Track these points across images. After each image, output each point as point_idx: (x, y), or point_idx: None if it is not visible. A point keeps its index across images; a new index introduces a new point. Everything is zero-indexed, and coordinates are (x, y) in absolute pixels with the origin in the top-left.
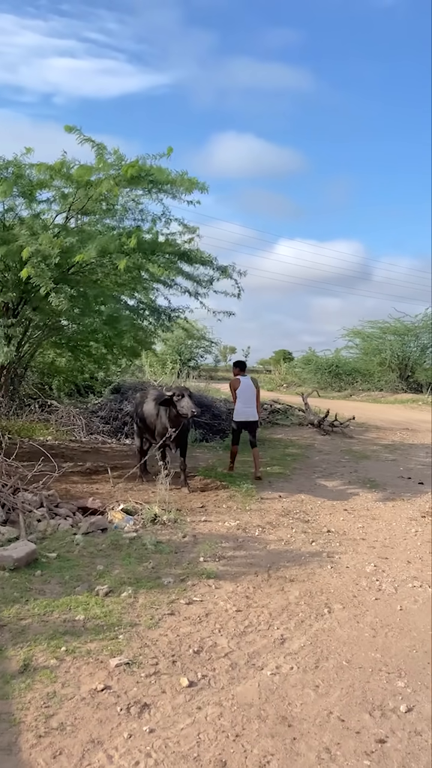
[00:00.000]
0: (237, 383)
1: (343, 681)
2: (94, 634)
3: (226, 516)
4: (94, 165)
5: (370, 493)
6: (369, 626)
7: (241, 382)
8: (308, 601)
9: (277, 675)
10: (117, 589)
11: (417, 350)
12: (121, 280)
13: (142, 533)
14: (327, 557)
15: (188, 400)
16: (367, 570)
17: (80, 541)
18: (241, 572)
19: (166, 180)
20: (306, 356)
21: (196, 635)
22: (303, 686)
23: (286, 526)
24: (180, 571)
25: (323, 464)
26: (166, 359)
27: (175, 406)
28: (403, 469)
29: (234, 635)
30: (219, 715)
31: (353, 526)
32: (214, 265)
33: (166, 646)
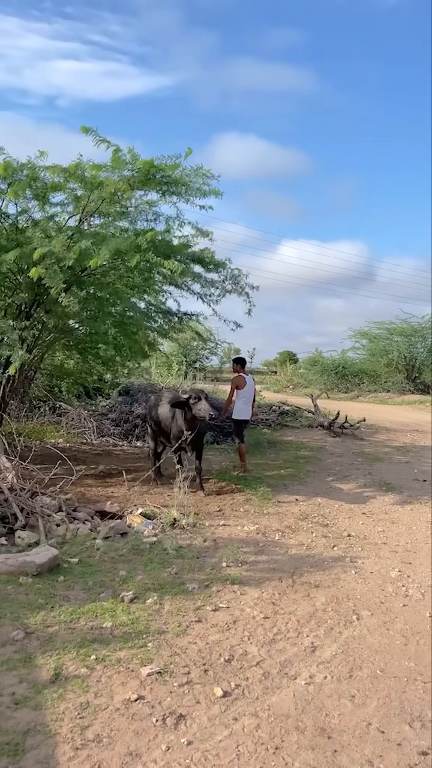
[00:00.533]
0: (242, 381)
1: (379, 691)
2: (122, 642)
3: (244, 520)
4: (108, 164)
5: (386, 496)
6: (399, 634)
7: (246, 381)
8: (335, 607)
9: (311, 684)
10: (142, 596)
11: (424, 351)
12: (134, 283)
13: (162, 538)
14: (350, 562)
15: (205, 402)
16: (392, 575)
17: (101, 545)
18: (264, 578)
19: (180, 180)
20: (312, 357)
21: (225, 643)
22: (339, 696)
23: (305, 530)
24: (203, 577)
25: (336, 466)
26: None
27: (191, 409)
28: (417, 471)
29: (264, 643)
30: (256, 726)
31: (373, 530)
32: (227, 270)
33: (196, 654)
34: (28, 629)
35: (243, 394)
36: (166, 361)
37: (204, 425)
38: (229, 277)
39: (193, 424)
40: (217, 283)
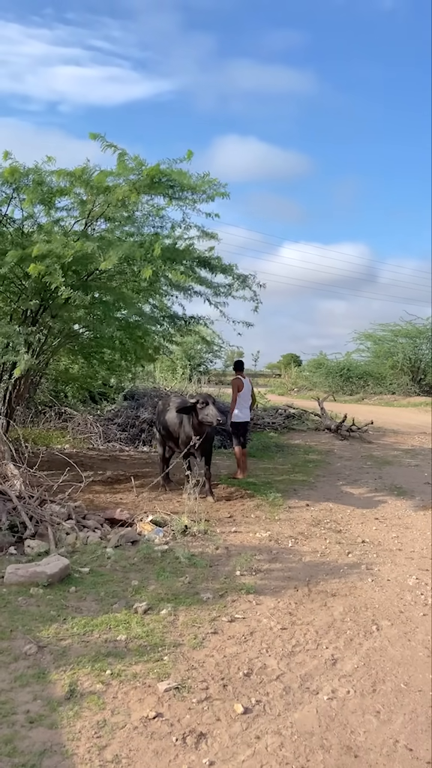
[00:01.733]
0: (241, 384)
1: (404, 706)
2: (138, 656)
3: (255, 526)
4: (114, 170)
5: (398, 501)
6: (421, 645)
7: (244, 384)
8: (354, 617)
9: (334, 700)
10: (156, 606)
11: (429, 353)
12: (140, 287)
13: (173, 546)
14: (366, 569)
15: (212, 407)
16: (410, 583)
17: (111, 554)
18: (280, 586)
19: (188, 185)
20: (316, 360)
21: (243, 656)
22: (363, 712)
23: (318, 537)
24: (218, 586)
25: (346, 471)
26: (176, 365)
27: (198, 414)
28: (427, 474)
29: (283, 656)
30: (280, 745)
31: (387, 536)
32: (234, 273)
33: (214, 668)
34: (40, 643)
35: (242, 398)
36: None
37: (212, 430)
38: (236, 278)
39: (201, 429)
40: (224, 286)
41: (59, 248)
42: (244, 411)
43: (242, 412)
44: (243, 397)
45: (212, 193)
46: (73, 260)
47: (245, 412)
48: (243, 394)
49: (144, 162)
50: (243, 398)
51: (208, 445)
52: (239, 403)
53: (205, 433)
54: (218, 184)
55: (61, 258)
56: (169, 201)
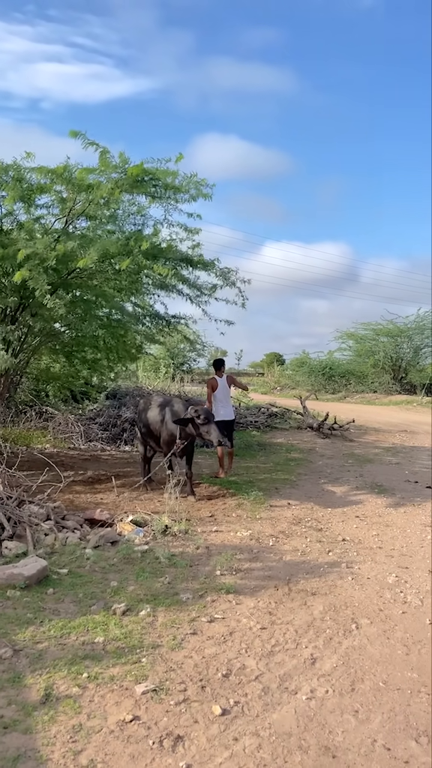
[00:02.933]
0: (215, 384)
1: (382, 705)
2: (115, 658)
3: (236, 525)
4: (96, 167)
5: (379, 499)
6: (400, 643)
7: (218, 384)
8: (333, 616)
9: (312, 699)
10: (134, 607)
11: (410, 351)
12: (121, 285)
13: (153, 546)
14: (346, 568)
15: (215, 427)
16: (389, 581)
17: (91, 555)
18: (260, 586)
19: (172, 185)
20: (299, 359)
21: (222, 656)
22: (342, 712)
23: (299, 535)
24: (198, 586)
25: (328, 469)
26: (159, 364)
27: (197, 428)
28: (408, 472)
29: (262, 656)
30: (258, 746)
31: (368, 534)
32: (216, 269)
33: (192, 669)
34: (16, 646)
35: (215, 397)
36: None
37: None
38: (219, 274)
39: (189, 435)
40: (207, 284)
41: (42, 250)
42: (224, 410)
43: (221, 410)
44: (219, 396)
45: (195, 194)
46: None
47: (225, 411)
48: (218, 394)
49: (128, 159)
50: (219, 397)
51: (189, 444)
52: (218, 402)
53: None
54: (206, 184)
55: (44, 261)
56: (152, 200)
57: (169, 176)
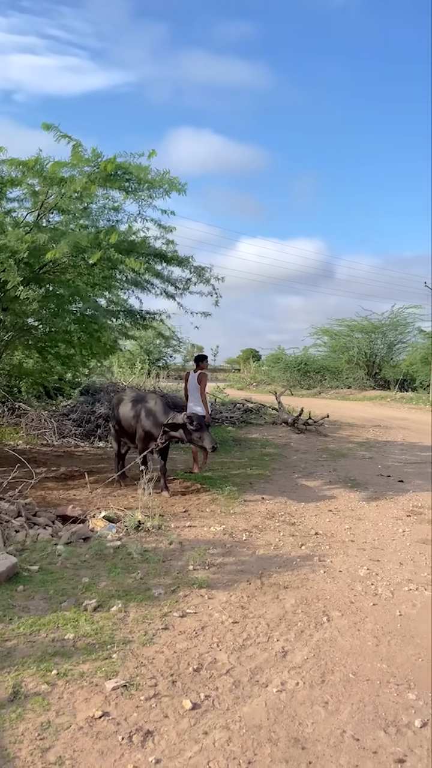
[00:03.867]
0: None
1: (352, 696)
2: (86, 654)
3: (210, 520)
4: (69, 161)
5: (352, 493)
6: (371, 634)
7: (190, 379)
8: (305, 609)
9: (283, 692)
10: (106, 603)
11: (384, 348)
12: (95, 280)
13: (126, 541)
14: (318, 561)
15: (209, 434)
16: (361, 574)
17: (62, 551)
18: (232, 580)
19: (145, 179)
20: (275, 355)
21: (193, 651)
22: (312, 703)
23: (272, 530)
24: (170, 581)
25: (302, 464)
26: (135, 359)
27: (189, 434)
28: (381, 467)
29: (233, 649)
30: (228, 740)
31: (340, 528)
32: (191, 265)
33: (163, 664)
34: None
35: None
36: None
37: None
38: (193, 271)
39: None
40: (181, 279)
41: (13, 242)
42: (193, 405)
43: (192, 405)
44: (189, 391)
45: (168, 189)
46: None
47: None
48: (189, 388)
49: (101, 154)
50: (189, 392)
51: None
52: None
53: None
54: (178, 182)
55: (15, 253)
56: (125, 195)
57: (142, 172)
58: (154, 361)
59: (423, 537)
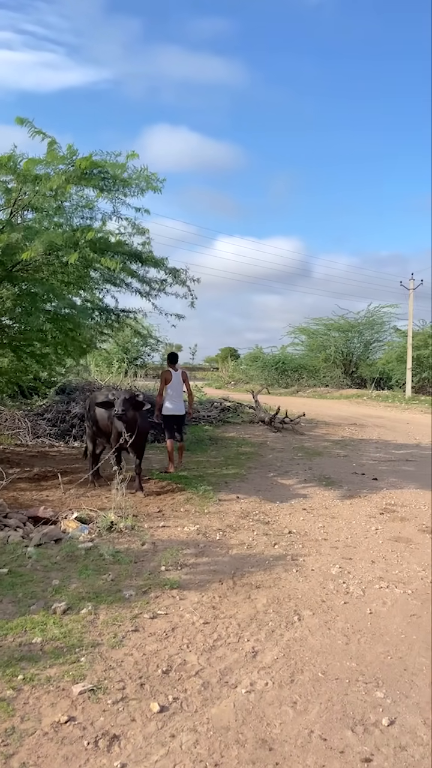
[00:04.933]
0: (169, 376)
1: (320, 695)
2: (53, 658)
3: (184, 520)
4: (44, 158)
5: (326, 491)
6: (341, 633)
7: (173, 377)
8: (277, 608)
9: (252, 693)
10: (75, 606)
11: (360, 346)
12: (69, 279)
13: (98, 543)
14: (291, 560)
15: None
16: (333, 572)
17: (33, 553)
18: (205, 580)
19: (120, 178)
20: (252, 353)
21: (163, 653)
22: (280, 704)
23: (246, 529)
24: (141, 583)
25: (278, 462)
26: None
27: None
28: (355, 465)
29: (203, 650)
30: (195, 742)
31: (314, 526)
32: (166, 266)
33: (132, 667)
34: None
35: (166, 390)
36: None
37: (146, 424)
38: (168, 272)
39: (132, 425)
40: (158, 281)
41: None
42: (173, 403)
43: (171, 404)
44: (170, 391)
45: (145, 187)
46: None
47: (175, 405)
48: (171, 386)
49: (76, 151)
50: (170, 392)
51: (140, 440)
52: (169, 397)
53: (136, 429)
54: (156, 179)
55: None
56: (99, 193)
57: (119, 169)
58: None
59: (395, 534)
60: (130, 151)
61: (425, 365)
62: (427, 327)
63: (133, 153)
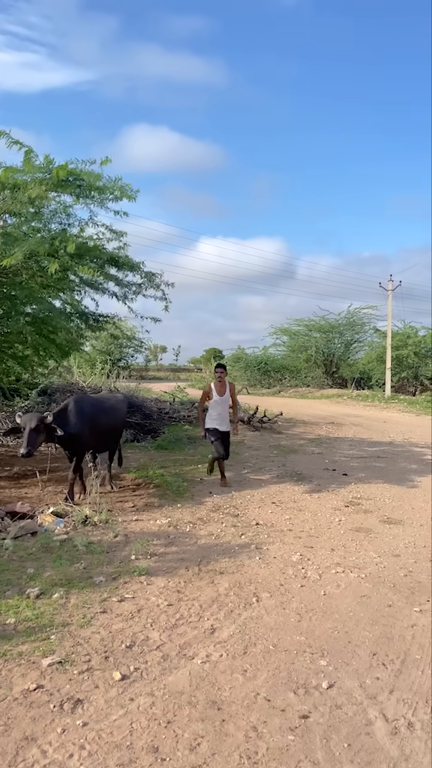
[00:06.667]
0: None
1: (269, 664)
2: (25, 636)
3: (157, 514)
4: (21, 167)
5: (297, 486)
6: (294, 612)
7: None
8: (237, 591)
9: (207, 663)
10: (48, 591)
11: (341, 347)
12: (48, 282)
13: (73, 535)
14: (255, 549)
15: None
16: (294, 559)
17: (9, 545)
18: (172, 567)
19: (96, 186)
20: (235, 354)
21: (128, 631)
22: (232, 672)
23: (216, 521)
24: (112, 570)
25: (253, 459)
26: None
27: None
28: (328, 461)
29: (165, 628)
30: (151, 704)
31: (281, 518)
32: (142, 271)
33: (98, 643)
34: None
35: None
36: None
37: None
38: (144, 276)
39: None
40: (135, 285)
41: None
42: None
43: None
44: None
45: (119, 195)
46: None
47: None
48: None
49: (52, 161)
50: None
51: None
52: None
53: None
54: (130, 189)
55: None
56: (77, 199)
57: (94, 178)
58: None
59: (357, 525)
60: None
61: (404, 365)
62: (405, 327)
63: (106, 159)
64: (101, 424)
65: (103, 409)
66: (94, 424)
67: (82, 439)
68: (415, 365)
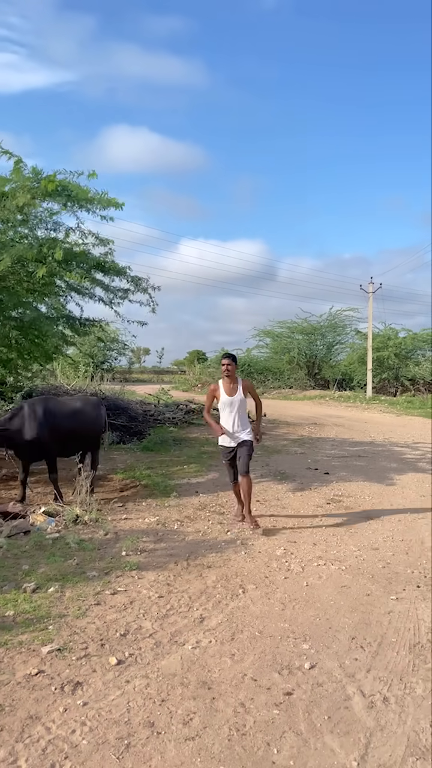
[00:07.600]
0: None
1: (255, 648)
2: (24, 627)
3: (145, 513)
4: (10, 176)
5: (280, 485)
6: (279, 601)
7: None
8: (224, 584)
9: (197, 648)
10: (44, 586)
11: (323, 348)
12: (34, 287)
13: (64, 533)
14: (241, 544)
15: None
16: (278, 553)
17: (3, 544)
18: (162, 562)
19: (85, 197)
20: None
21: (122, 621)
22: (221, 656)
23: (203, 519)
24: (104, 565)
25: None
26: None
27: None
28: (311, 461)
29: (157, 618)
30: (146, 685)
31: (265, 515)
32: (128, 275)
33: (94, 632)
34: None
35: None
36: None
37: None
38: (130, 280)
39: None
40: (121, 290)
41: None
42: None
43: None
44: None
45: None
46: None
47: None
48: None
49: (41, 171)
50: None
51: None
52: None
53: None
54: (116, 203)
55: None
56: (64, 207)
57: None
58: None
59: (338, 521)
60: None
61: (385, 366)
62: (386, 329)
63: (93, 173)
64: (63, 428)
65: (67, 412)
66: (54, 428)
67: (42, 444)
68: (395, 366)
